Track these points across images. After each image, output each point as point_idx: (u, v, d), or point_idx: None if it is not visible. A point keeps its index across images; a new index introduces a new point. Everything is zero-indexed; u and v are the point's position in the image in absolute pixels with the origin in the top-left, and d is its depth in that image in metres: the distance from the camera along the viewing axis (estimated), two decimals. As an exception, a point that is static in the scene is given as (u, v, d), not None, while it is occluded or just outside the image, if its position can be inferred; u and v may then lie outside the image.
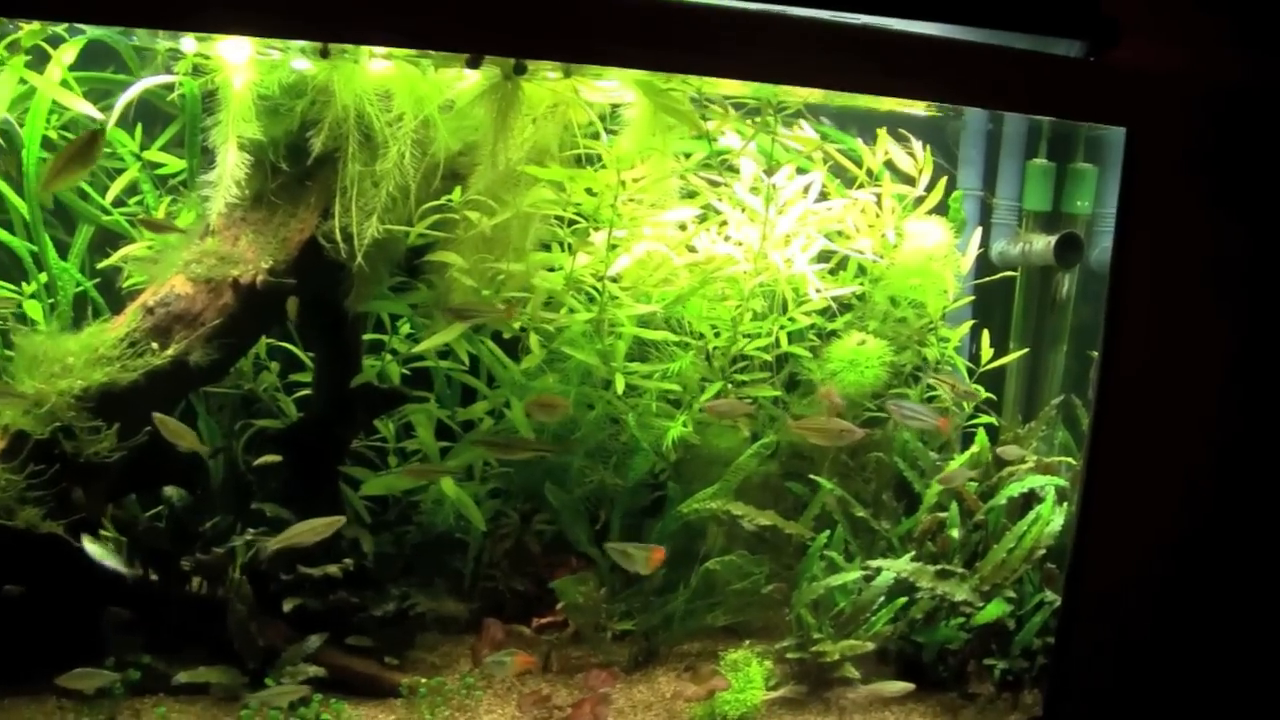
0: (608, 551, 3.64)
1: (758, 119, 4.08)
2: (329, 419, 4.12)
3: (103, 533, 3.77)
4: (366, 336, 4.33)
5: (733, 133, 4.14)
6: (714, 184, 4.20)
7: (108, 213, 4.14)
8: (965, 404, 4.52)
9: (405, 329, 4.34)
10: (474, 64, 3.48)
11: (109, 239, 4.12)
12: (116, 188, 4.13)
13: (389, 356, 4.25)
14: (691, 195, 4.15)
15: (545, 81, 3.67)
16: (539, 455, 4.08)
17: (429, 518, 4.24)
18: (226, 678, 3.70)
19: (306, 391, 4.37)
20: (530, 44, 3.19)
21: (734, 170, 4.22)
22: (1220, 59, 3.64)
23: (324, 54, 3.50)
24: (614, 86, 3.85)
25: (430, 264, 3.92)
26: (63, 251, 4.11)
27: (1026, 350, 4.73)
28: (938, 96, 3.97)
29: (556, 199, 3.89)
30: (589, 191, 3.92)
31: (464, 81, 3.72)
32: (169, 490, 4.04)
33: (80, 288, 4.13)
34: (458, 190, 3.79)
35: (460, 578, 4.25)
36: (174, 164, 4.15)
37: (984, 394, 4.59)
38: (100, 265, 4.07)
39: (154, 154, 4.15)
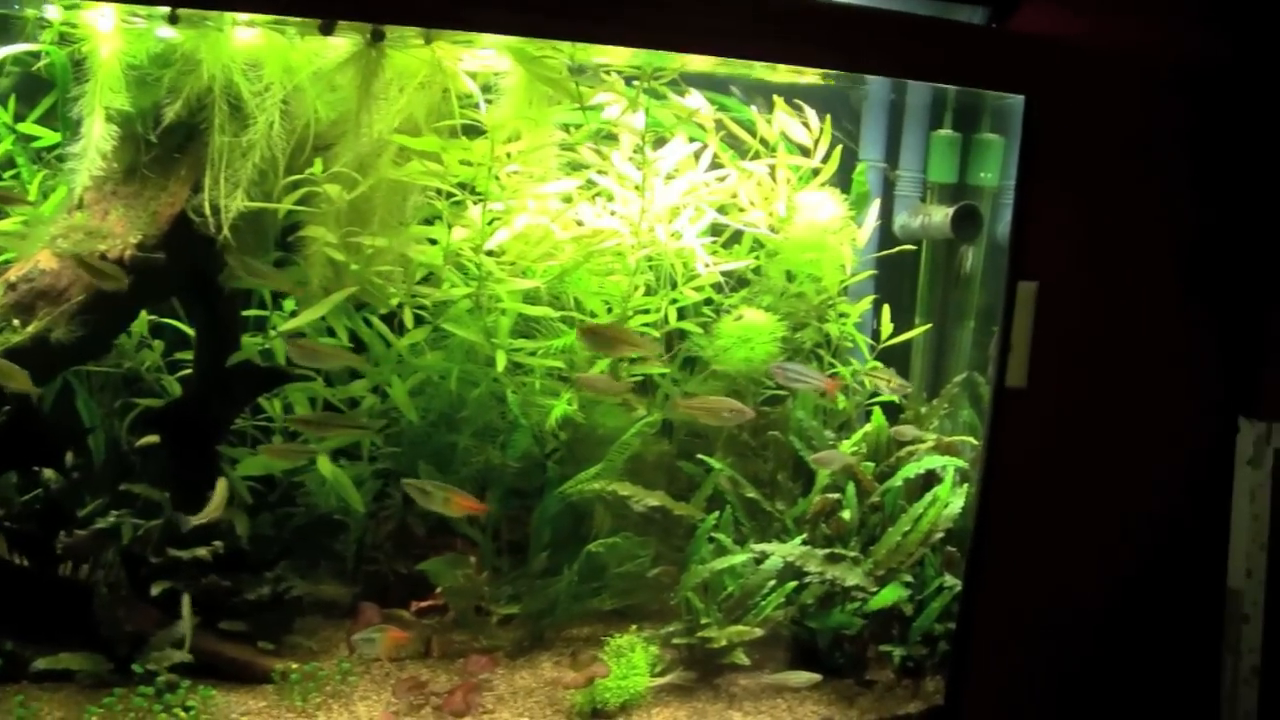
0: (404, 487, 3.55)
1: (639, 86, 3.93)
2: (206, 398, 4.00)
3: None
4: (250, 313, 4.20)
5: (616, 102, 3.99)
6: (598, 155, 4.07)
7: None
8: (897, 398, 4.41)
9: (290, 305, 4.21)
10: (327, 30, 3.35)
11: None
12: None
13: (273, 334, 4.13)
14: (575, 168, 4.02)
15: (412, 48, 3.54)
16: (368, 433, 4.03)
17: (312, 499, 4.12)
18: (90, 664, 3.60)
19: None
20: (387, 8, 3.11)
21: (615, 140, 4.08)
22: (1126, 27, 3.54)
23: (173, 19, 3.36)
24: (491, 55, 3.73)
25: (300, 239, 3.79)
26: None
27: (929, 326, 4.60)
28: (833, 64, 3.85)
29: (429, 170, 3.75)
30: (464, 163, 3.79)
31: (334, 51, 3.60)
32: (48, 471, 3.94)
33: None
34: (319, 163, 3.65)
35: (343, 561, 4.14)
36: (51, 137, 4.03)
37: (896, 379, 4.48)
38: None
39: (28, 126, 4.03)
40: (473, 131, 3.83)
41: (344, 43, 3.53)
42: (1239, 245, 3.73)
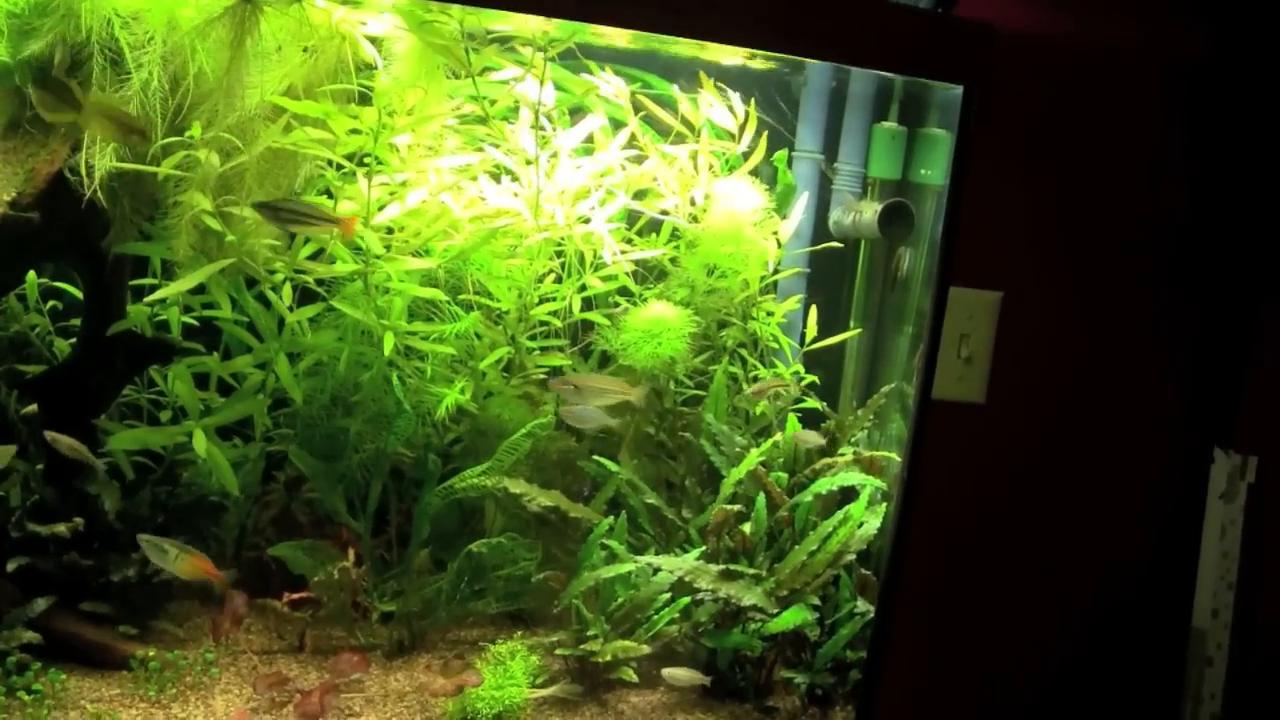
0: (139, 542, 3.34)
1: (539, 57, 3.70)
2: (86, 368, 3.82)
3: None
4: (142, 282, 4.03)
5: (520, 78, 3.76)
6: (496, 130, 3.85)
7: None
8: (784, 392, 4.15)
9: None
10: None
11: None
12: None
13: (168, 304, 3.94)
14: (474, 142, 3.81)
15: (283, 6, 3.33)
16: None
17: (196, 478, 3.94)
18: (-66, 640, 3.46)
19: (82, 337, 4.08)
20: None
21: (517, 114, 3.86)
22: (1076, 17, 3.28)
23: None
24: (385, 18, 3.53)
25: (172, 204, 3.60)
26: None
27: (859, 331, 4.32)
28: (758, 43, 3.58)
29: (313, 139, 3.55)
30: (354, 132, 3.58)
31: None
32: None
33: None
34: (196, 126, 3.45)
35: (222, 545, 3.95)
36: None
37: (796, 377, 4.25)
38: None
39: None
40: (369, 101, 3.63)
41: (228, -2, 3.34)
42: (1217, 257, 3.45)
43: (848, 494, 3.91)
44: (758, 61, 4.03)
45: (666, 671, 3.66)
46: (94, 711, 3.33)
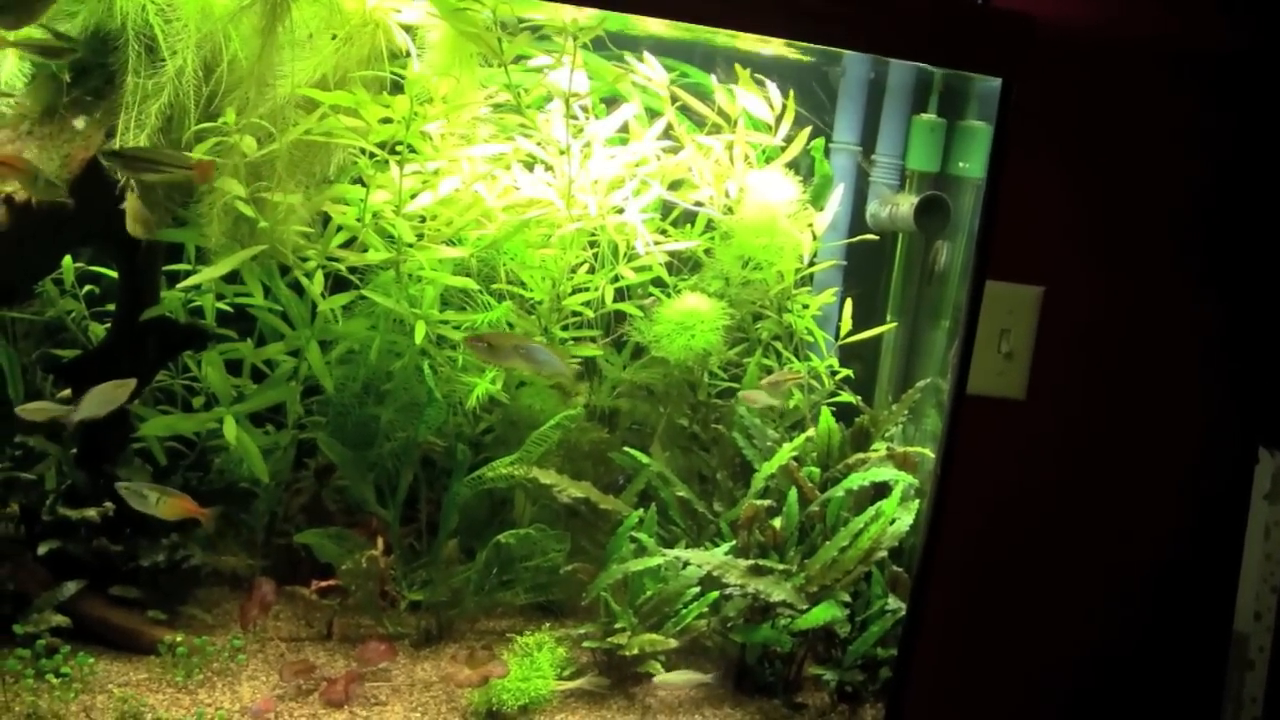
0: (117, 489, 3.36)
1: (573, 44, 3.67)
2: (119, 354, 3.83)
3: None
4: (176, 268, 4.04)
5: (556, 66, 3.73)
6: (531, 119, 3.82)
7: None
8: (805, 385, 4.11)
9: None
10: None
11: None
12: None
13: (201, 290, 3.95)
14: (507, 131, 3.79)
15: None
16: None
17: (227, 465, 3.94)
18: (-35, 622, 3.48)
19: (118, 322, 4.09)
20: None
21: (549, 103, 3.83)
22: (1115, 7, 3.20)
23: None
24: (422, 6, 3.52)
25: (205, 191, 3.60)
26: None
27: (894, 325, 4.27)
28: (797, 35, 3.54)
29: (346, 127, 3.53)
30: (385, 121, 3.57)
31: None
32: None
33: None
34: (230, 112, 3.44)
35: (251, 532, 3.96)
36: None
37: (830, 371, 4.21)
38: None
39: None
40: (402, 89, 3.62)
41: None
42: (1263, 253, 3.36)
43: (880, 490, 3.85)
44: (795, 52, 3.98)
45: (659, 679, 3.63)
46: (121, 695, 3.34)
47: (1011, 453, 3.35)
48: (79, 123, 3.59)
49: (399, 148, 3.62)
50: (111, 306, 4.04)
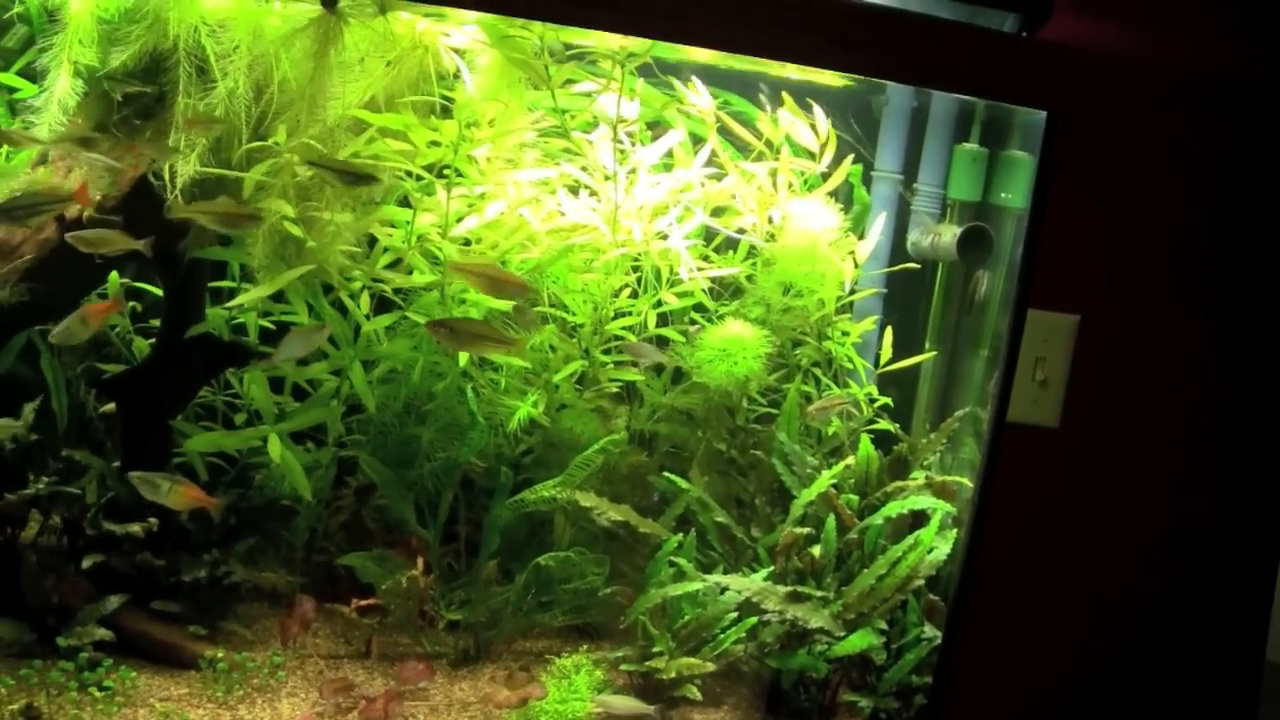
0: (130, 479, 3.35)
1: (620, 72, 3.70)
2: (163, 369, 3.86)
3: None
4: (220, 285, 4.07)
5: (602, 91, 3.76)
6: (577, 145, 3.85)
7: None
8: (854, 410, 4.12)
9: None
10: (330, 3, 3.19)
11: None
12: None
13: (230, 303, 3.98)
14: (553, 156, 3.81)
15: (369, 19, 3.35)
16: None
17: (267, 482, 3.97)
18: (12, 632, 3.49)
19: (162, 339, 4.12)
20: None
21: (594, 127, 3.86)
22: (1167, 42, 3.22)
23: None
24: (476, 32, 3.54)
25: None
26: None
27: (934, 354, 4.28)
28: (843, 65, 3.57)
29: (394, 149, 3.56)
30: (433, 144, 3.59)
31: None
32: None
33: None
34: (281, 132, 3.47)
35: (291, 549, 3.98)
36: (30, 89, 3.92)
37: (869, 398, 4.22)
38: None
39: (8, 77, 3.93)
40: (450, 112, 3.65)
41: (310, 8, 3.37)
42: None
43: (917, 518, 3.87)
44: (838, 78, 4.00)
45: (599, 699, 3.57)
46: (163, 710, 3.37)
47: (1043, 480, 3.36)
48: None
49: (446, 171, 3.65)
50: (155, 322, 4.08)
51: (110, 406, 4.00)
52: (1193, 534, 3.45)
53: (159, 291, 4.05)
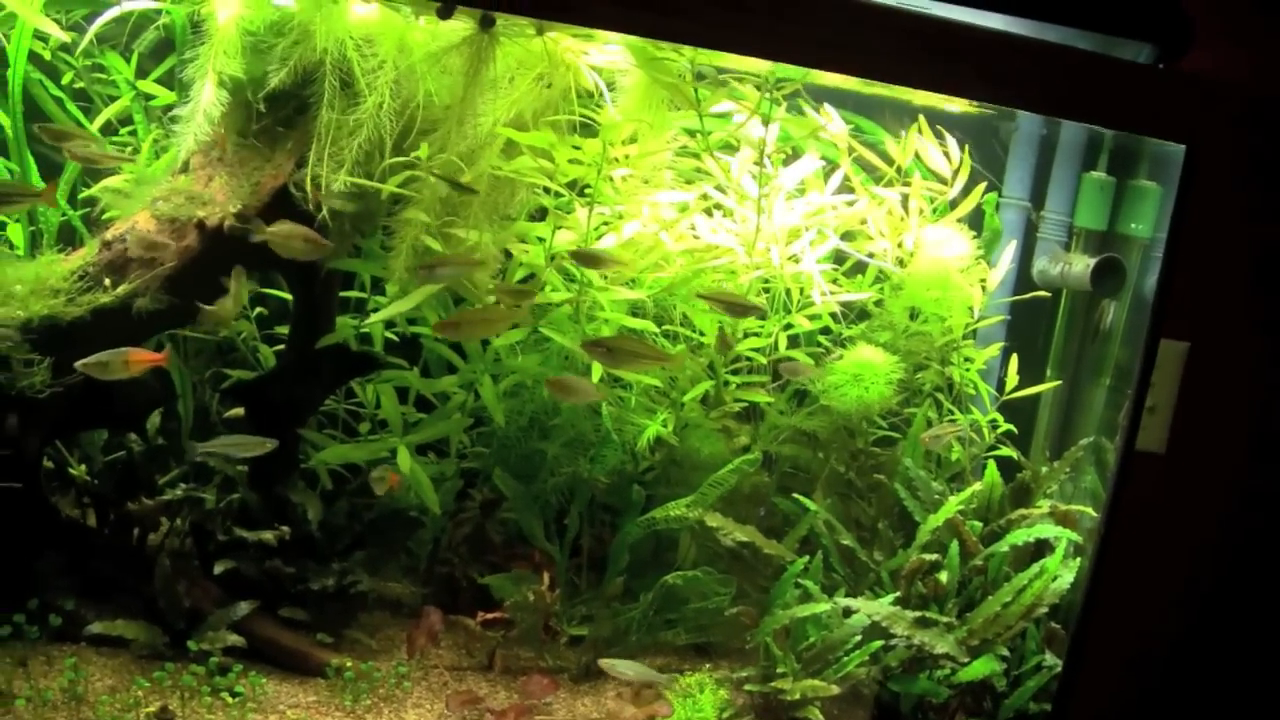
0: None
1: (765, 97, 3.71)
2: (293, 378, 3.90)
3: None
4: (351, 294, 4.10)
5: (741, 111, 3.77)
6: (717, 167, 3.86)
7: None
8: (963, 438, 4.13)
9: (394, 290, 4.09)
10: (445, 14, 3.19)
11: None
12: (106, 115, 3.99)
13: (372, 318, 4.01)
14: (691, 178, 3.83)
15: (524, 38, 3.37)
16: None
17: (392, 493, 3.99)
18: (145, 634, 3.54)
19: (288, 346, 4.16)
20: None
21: (736, 152, 3.87)
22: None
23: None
24: (618, 52, 3.56)
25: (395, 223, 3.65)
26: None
27: (1058, 383, 4.28)
28: (981, 95, 3.58)
29: (537, 167, 3.59)
30: (574, 162, 3.62)
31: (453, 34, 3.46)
32: (132, 436, 3.91)
33: (65, 217, 3.99)
34: (425, 147, 3.50)
35: (416, 560, 4.01)
36: (169, 97, 3.98)
37: (992, 424, 4.23)
38: (81, 195, 3.94)
39: (148, 85, 3.99)
40: (591, 130, 3.66)
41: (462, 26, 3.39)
42: None
43: (1039, 546, 3.87)
44: (967, 105, 4.00)
45: (606, 662, 3.53)
46: (293, 717, 3.40)
47: (1154, 506, 3.35)
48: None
49: (587, 190, 3.67)
50: (281, 330, 4.11)
51: (235, 412, 4.03)
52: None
53: (286, 295, 4.09)
